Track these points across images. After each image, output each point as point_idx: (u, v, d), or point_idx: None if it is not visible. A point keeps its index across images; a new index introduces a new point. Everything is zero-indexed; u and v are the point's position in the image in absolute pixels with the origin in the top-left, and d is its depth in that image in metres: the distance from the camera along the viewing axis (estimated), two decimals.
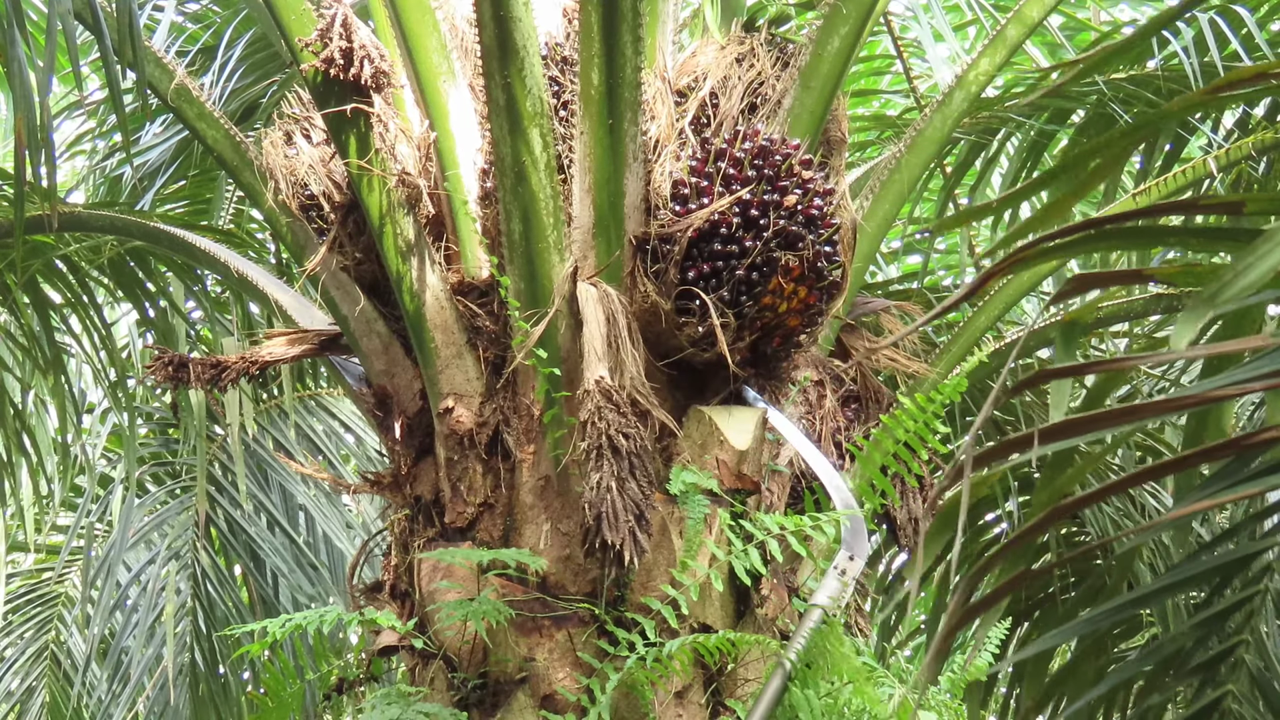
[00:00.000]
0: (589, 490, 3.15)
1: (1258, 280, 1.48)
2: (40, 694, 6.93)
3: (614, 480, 3.13)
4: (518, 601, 3.34)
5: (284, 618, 3.30)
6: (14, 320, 5.59)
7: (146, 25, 5.87)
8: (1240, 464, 1.95)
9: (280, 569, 6.48)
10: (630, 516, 3.11)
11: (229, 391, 5.47)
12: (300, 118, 3.95)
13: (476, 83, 3.68)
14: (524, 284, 3.44)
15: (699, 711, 3.32)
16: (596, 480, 3.14)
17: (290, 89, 4.59)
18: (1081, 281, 1.75)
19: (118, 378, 5.71)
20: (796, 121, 3.66)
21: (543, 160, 3.37)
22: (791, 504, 3.68)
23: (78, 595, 7.08)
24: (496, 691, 3.36)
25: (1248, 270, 1.49)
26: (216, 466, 6.55)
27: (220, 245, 4.58)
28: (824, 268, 3.42)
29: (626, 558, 3.08)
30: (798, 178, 3.39)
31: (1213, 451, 1.82)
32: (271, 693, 3.76)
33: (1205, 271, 1.66)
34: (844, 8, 3.65)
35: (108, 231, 4.91)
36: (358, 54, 3.51)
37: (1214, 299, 1.50)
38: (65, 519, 7.86)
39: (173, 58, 4.39)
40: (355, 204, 3.75)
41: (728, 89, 3.75)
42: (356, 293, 3.82)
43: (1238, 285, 1.48)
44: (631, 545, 3.10)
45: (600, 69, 3.29)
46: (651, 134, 3.55)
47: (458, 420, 3.56)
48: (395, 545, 3.75)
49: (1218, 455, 1.85)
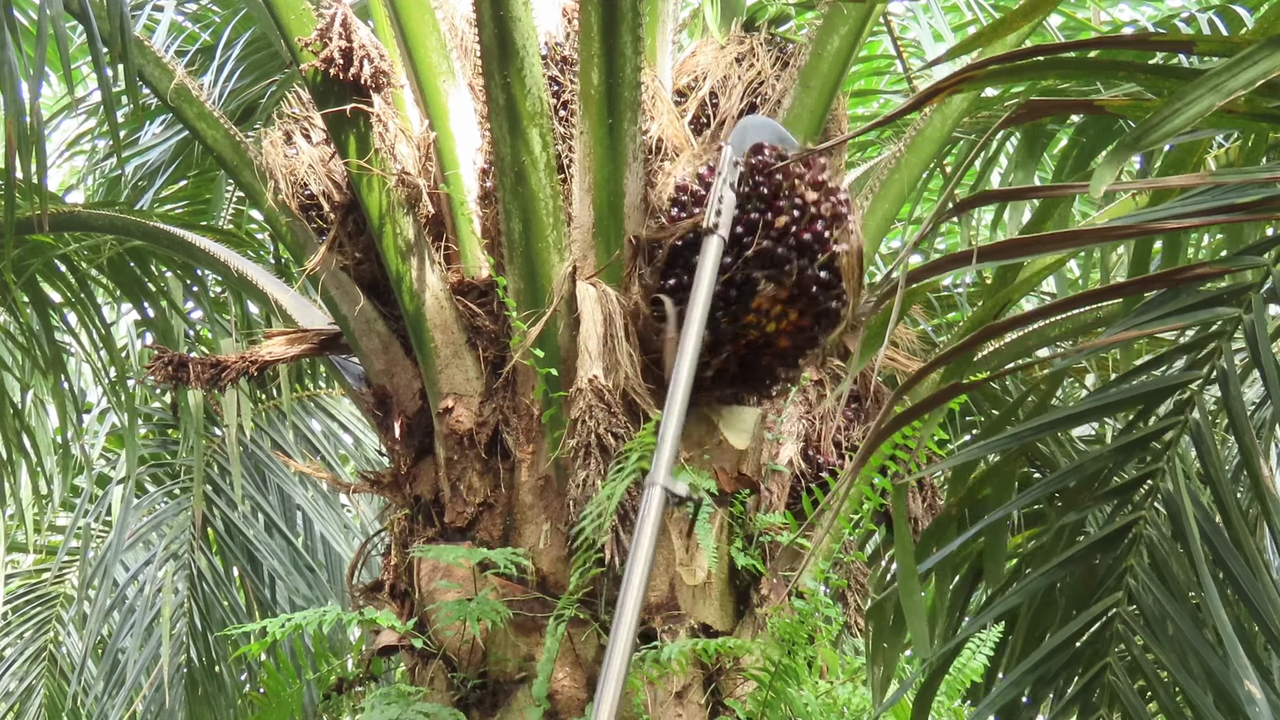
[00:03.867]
0: (574, 488, 3.15)
1: (1184, 124, 1.50)
2: (39, 694, 6.93)
3: (600, 479, 3.12)
4: (517, 601, 3.34)
5: (283, 617, 3.30)
6: (13, 320, 5.58)
7: (146, 25, 5.86)
8: (1172, 296, 1.99)
9: (277, 570, 6.47)
10: (615, 516, 3.11)
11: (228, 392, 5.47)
12: (300, 117, 3.95)
13: (476, 83, 3.68)
14: (523, 284, 3.43)
15: (699, 711, 3.32)
16: (583, 478, 3.14)
17: (290, 89, 4.59)
18: (1033, 107, 1.77)
19: (117, 377, 5.71)
20: (796, 121, 3.66)
21: (542, 160, 3.37)
22: (791, 504, 3.68)
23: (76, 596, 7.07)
24: (496, 691, 3.36)
25: (1175, 114, 1.51)
26: (215, 467, 6.54)
27: (220, 245, 4.57)
28: (819, 293, 3.26)
29: (608, 556, 3.08)
30: (799, 199, 3.23)
31: (1147, 282, 1.87)
32: (271, 693, 3.76)
33: (1154, 106, 1.67)
34: (844, 7, 3.65)
35: (107, 231, 4.91)
36: (357, 54, 3.51)
37: (1137, 143, 1.52)
38: (64, 519, 7.86)
39: (172, 57, 4.39)
40: (355, 204, 3.75)
41: (727, 89, 3.75)
42: (356, 292, 3.82)
43: (1163, 129, 1.51)
44: (613, 545, 3.09)
45: (600, 69, 3.29)
46: (653, 134, 3.55)
47: (457, 420, 3.55)
48: (395, 545, 3.75)
49: (1152, 286, 1.89)
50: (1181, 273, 1.84)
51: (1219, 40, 1.80)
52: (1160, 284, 1.96)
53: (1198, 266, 1.84)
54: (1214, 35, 2.30)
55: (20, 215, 4.44)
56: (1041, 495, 2.28)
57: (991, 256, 1.78)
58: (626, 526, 3.12)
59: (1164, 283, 1.95)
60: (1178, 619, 2.19)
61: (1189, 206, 1.81)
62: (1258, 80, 1.54)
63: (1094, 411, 2.43)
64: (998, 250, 1.78)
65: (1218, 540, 2.14)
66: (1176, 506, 2.17)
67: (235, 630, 3.67)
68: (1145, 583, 2.24)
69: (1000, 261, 1.91)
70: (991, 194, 1.89)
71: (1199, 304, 2.02)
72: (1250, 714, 1.91)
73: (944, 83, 1.76)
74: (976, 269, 1.82)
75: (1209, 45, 1.79)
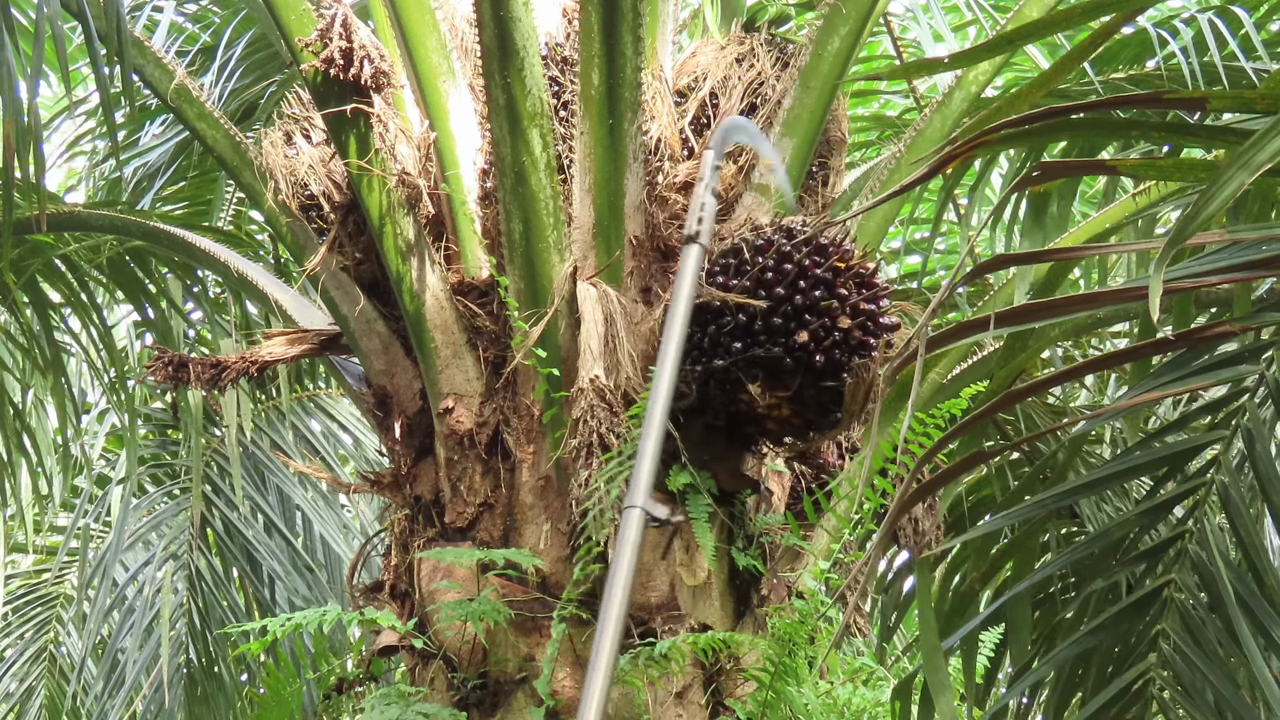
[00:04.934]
0: (576, 487, 3.15)
1: (1219, 208, 1.50)
2: (39, 695, 6.93)
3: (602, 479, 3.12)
4: (517, 601, 3.34)
5: (283, 617, 3.30)
6: (13, 320, 5.58)
7: (146, 25, 5.86)
8: (1193, 356, 1.97)
9: (277, 571, 6.47)
10: (617, 514, 3.10)
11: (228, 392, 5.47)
12: (300, 118, 3.95)
13: (476, 83, 3.68)
14: (524, 284, 3.44)
15: (699, 711, 3.32)
16: (585, 478, 3.14)
17: (290, 89, 4.59)
18: (1047, 169, 1.77)
19: (117, 377, 5.71)
20: (796, 122, 3.66)
21: (543, 160, 3.37)
22: (791, 504, 3.68)
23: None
24: (496, 691, 3.36)
25: (1211, 199, 1.51)
26: (214, 468, 6.54)
27: (220, 245, 4.57)
28: (816, 405, 3.16)
29: (610, 555, 3.08)
30: (830, 321, 3.08)
31: (1165, 344, 1.85)
32: (271, 692, 3.76)
33: (1168, 166, 1.67)
34: (844, 8, 3.65)
35: (107, 231, 4.90)
36: (358, 54, 3.51)
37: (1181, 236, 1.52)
38: (63, 520, 7.86)
39: (172, 58, 4.39)
40: (355, 204, 3.75)
41: (728, 89, 3.75)
42: (356, 293, 3.82)
43: (1203, 215, 1.51)
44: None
45: (600, 69, 3.29)
46: (653, 134, 3.55)
47: (457, 420, 3.55)
48: (395, 545, 3.75)
49: (1171, 347, 1.87)
50: (1204, 331, 1.81)
51: (1231, 96, 1.78)
52: (1182, 344, 1.92)
53: (1221, 324, 1.81)
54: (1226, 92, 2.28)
55: (20, 215, 4.44)
56: (1066, 564, 2.24)
57: (1009, 321, 1.74)
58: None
59: (1186, 342, 1.92)
60: (1216, 681, 2.14)
61: (1208, 264, 1.77)
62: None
63: (1116, 476, 2.37)
64: (1015, 315, 1.74)
65: (1253, 602, 2.10)
66: (1206, 568, 2.14)
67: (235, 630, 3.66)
68: (1179, 645, 2.20)
69: (1017, 326, 1.87)
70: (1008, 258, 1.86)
71: (1220, 363, 1.98)
72: None
73: (959, 148, 1.75)
74: (997, 333, 1.78)
75: (1221, 103, 1.77)
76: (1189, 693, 2.17)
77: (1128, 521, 2.20)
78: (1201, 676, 2.16)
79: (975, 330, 1.77)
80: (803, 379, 3.11)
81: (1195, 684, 2.17)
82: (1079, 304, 1.79)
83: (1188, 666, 2.18)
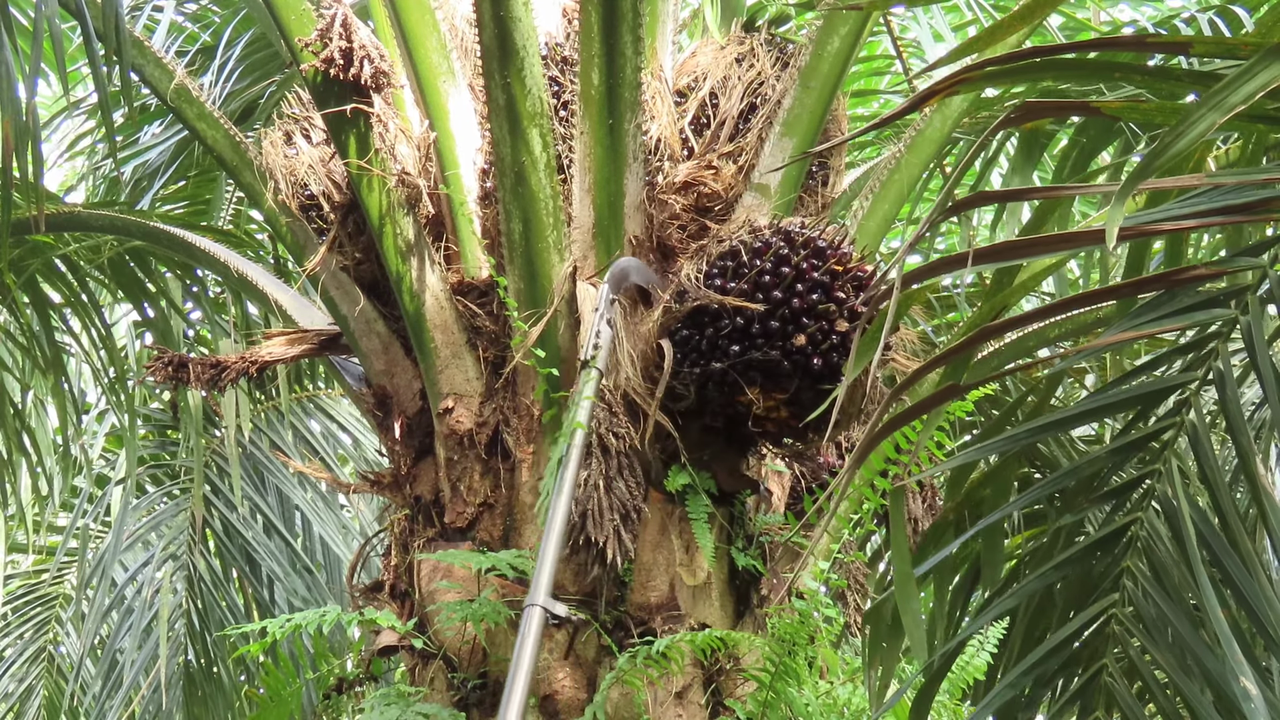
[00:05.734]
0: (576, 487, 3.14)
1: (1188, 145, 1.51)
2: (38, 695, 6.92)
3: (601, 479, 3.13)
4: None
5: (283, 618, 3.30)
6: (13, 320, 5.58)
7: (146, 25, 5.87)
8: (1170, 297, 1.98)
9: (276, 572, 6.47)
10: (615, 515, 3.10)
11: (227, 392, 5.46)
12: (300, 118, 3.95)
13: (476, 83, 3.68)
14: (523, 284, 3.44)
15: (699, 711, 3.32)
16: (584, 478, 3.14)
17: (290, 89, 4.59)
18: (1030, 108, 1.78)
19: (117, 377, 5.71)
20: (796, 121, 3.66)
21: (543, 160, 3.37)
22: (791, 504, 3.68)
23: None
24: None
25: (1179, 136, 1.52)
26: (214, 468, 6.54)
27: (220, 245, 4.57)
28: (813, 407, 3.16)
29: (609, 556, 3.08)
30: (828, 324, 3.11)
31: (1144, 283, 1.86)
32: (271, 692, 3.76)
33: (1151, 108, 1.67)
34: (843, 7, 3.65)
35: (107, 231, 4.90)
36: (357, 54, 3.51)
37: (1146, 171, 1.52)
38: (63, 520, 7.86)
39: (172, 58, 4.39)
40: (355, 204, 3.75)
41: (727, 89, 3.75)
42: (356, 293, 3.82)
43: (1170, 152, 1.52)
44: (615, 544, 3.09)
45: (600, 69, 3.29)
46: (653, 134, 3.55)
47: (457, 420, 3.55)
48: (395, 545, 3.75)
49: (1150, 287, 1.89)
50: (1179, 274, 1.84)
51: (1216, 42, 1.80)
52: (1158, 285, 1.95)
53: (1195, 268, 1.84)
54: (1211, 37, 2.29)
55: (19, 215, 4.44)
56: (1039, 497, 2.27)
57: (989, 259, 1.78)
58: (629, 526, 3.12)
59: (1161, 284, 1.95)
60: (1175, 620, 2.18)
61: (1187, 208, 1.81)
62: (1257, 93, 1.54)
63: (1091, 413, 2.43)
64: (995, 252, 1.78)
65: (1215, 542, 2.14)
66: (1173, 508, 2.17)
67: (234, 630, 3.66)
68: (1143, 584, 2.24)
69: (997, 264, 1.90)
70: (988, 195, 1.89)
71: (1196, 305, 2.01)
72: (1246, 710, 1.90)
73: (941, 84, 1.76)
74: (974, 270, 1.81)
75: (1206, 47, 1.79)
76: (1149, 630, 2.20)
77: (1098, 459, 2.22)
78: (1161, 612, 2.19)
79: (954, 266, 1.78)
80: (800, 382, 3.14)
81: (1156, 622, 2.20)
82: (1057, 243, 1.83)
83: (1149, 604, 2.20)
